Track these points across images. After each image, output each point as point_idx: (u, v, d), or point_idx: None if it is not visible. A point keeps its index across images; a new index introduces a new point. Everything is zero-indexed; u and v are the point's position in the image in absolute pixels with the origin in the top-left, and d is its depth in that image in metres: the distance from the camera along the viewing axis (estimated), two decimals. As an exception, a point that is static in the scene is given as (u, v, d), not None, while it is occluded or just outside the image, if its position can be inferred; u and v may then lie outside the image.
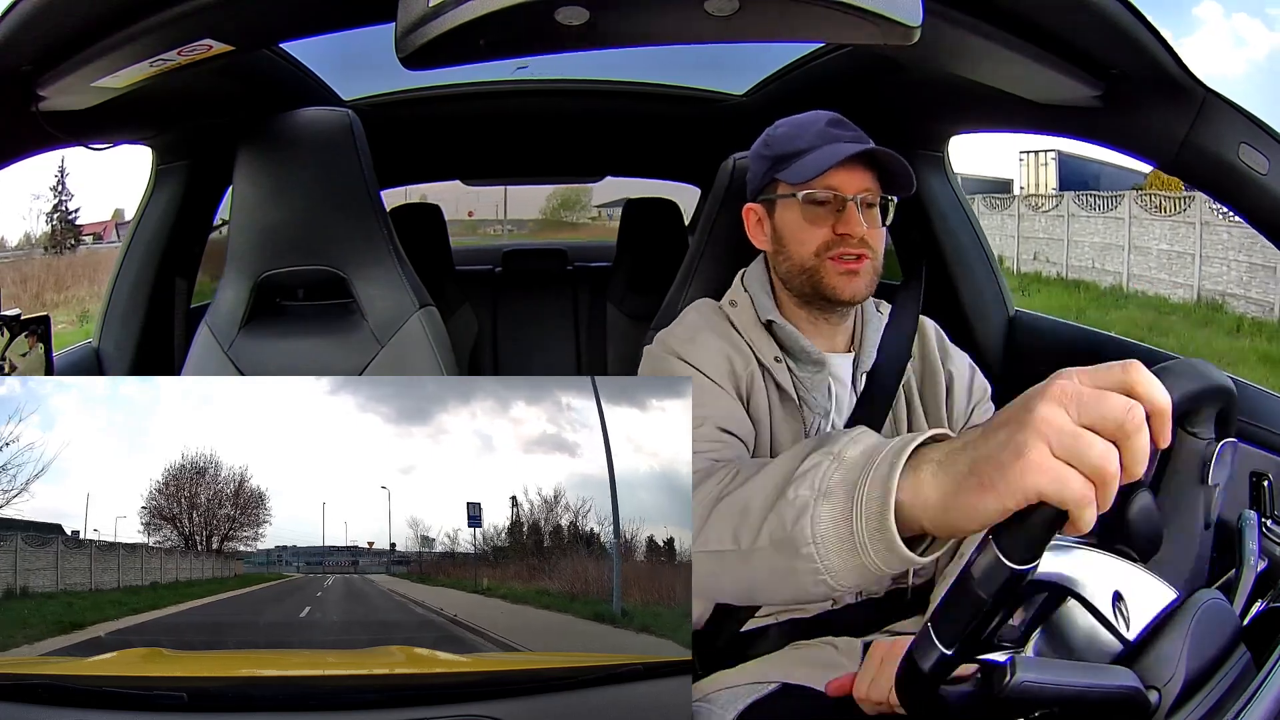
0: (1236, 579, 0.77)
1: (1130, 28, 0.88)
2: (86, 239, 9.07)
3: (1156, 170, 5.78)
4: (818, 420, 1.08)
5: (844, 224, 1.04)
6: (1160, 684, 0.67)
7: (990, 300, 1.63)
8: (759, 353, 1.09)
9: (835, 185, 1.05)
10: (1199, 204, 9.50)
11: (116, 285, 1.61)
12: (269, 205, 1.34)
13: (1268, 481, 0.85)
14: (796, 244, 1.07)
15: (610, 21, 0.77)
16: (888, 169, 1.06)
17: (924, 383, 1.14)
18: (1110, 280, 10.28)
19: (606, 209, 10.64)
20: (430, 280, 1.52)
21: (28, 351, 1.09)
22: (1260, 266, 8.63)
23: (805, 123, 1.09)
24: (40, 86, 0.95)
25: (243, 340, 1.35)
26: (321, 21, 0.98)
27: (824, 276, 1.05)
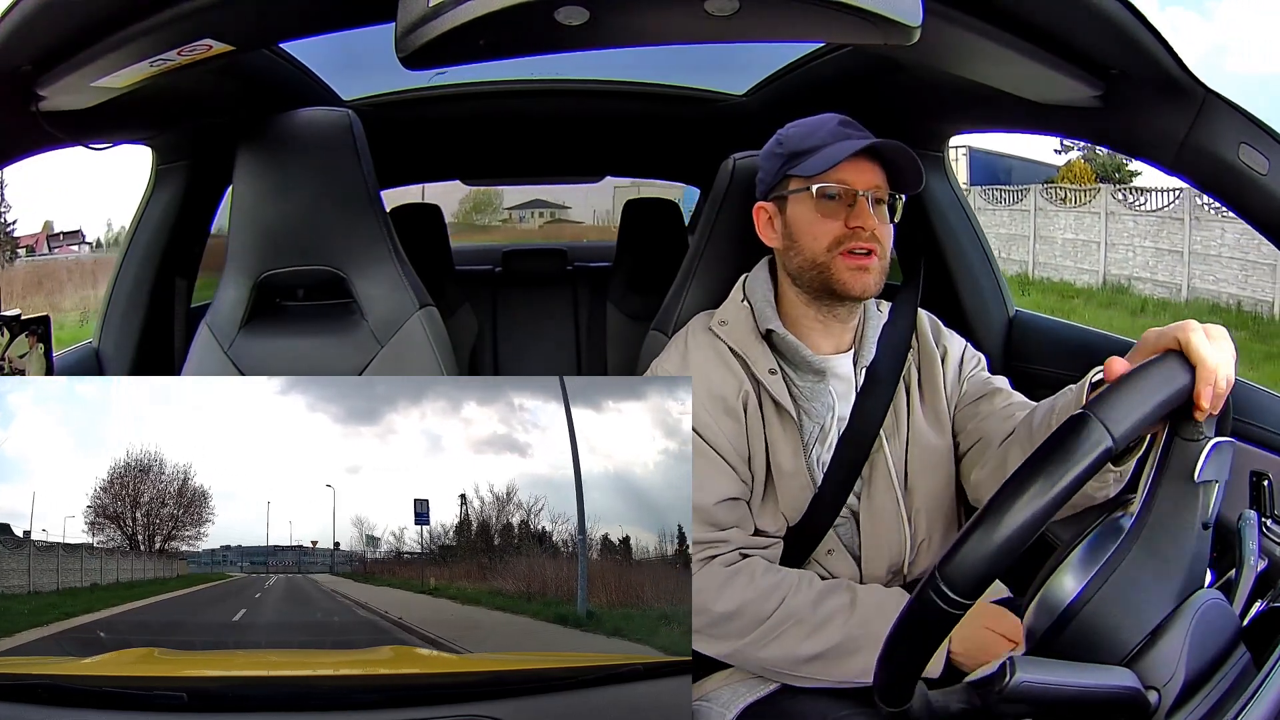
0: (1236, 579, 0.77)
1: (1130, 28, 0.88)
2: (20, 252, 9.09)
3: (1069, 164, 5.92)
4: (817, 428, 1.09)
5: (856, 217, 1.05)
6: (1160, 684, 0.67)
7: (990, 300, 1.63)
8: (753, 367, 1.09)
9: (847, 180, 1.06)
10: (1104, 195, 10.33)
11: (116, 285, 1.61)
12: (269, 205, 1.34)
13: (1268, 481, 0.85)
14: (809, 238, 1.08)
15: (610, 21, 0.77)
16: (896, 165, 1.07)
17: (922, 374, 1.14)
18: (1015, 269, 11.00)
19: (517, 211, 10.73)
20: (430, 280, 1.52)
21: (28, 351, 1.09)
22: (1167, 251, 9.39)
23: (817, 123, 1.11)
24: (40, 86, 0.95)
25: (243, 340, 1.35)
26: (321, 21, 0.98)
27: (835, 272, 1.06)
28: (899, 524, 1.08)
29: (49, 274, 9.50)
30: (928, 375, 1.14)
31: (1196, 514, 0.71)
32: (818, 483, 1.08)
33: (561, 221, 10.21)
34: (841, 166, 1.05)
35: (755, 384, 1.09)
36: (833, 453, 1.08)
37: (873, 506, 1.08)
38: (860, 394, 1.10)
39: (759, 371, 1.09)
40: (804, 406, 1.09)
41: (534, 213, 10.73)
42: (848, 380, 1.11)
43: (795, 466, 1.07)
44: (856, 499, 1.09)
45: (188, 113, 1.43)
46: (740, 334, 1.11)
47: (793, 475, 1.07)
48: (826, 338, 1.12)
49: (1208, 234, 9.24)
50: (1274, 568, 0.79)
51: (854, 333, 1.14)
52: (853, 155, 1.05)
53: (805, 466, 1.08)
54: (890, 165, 1.07)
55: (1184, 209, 9.44)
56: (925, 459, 1.11)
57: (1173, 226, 9.64)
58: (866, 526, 1.08)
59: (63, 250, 11.02)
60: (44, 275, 9.13)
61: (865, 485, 1.09)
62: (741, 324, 1.12)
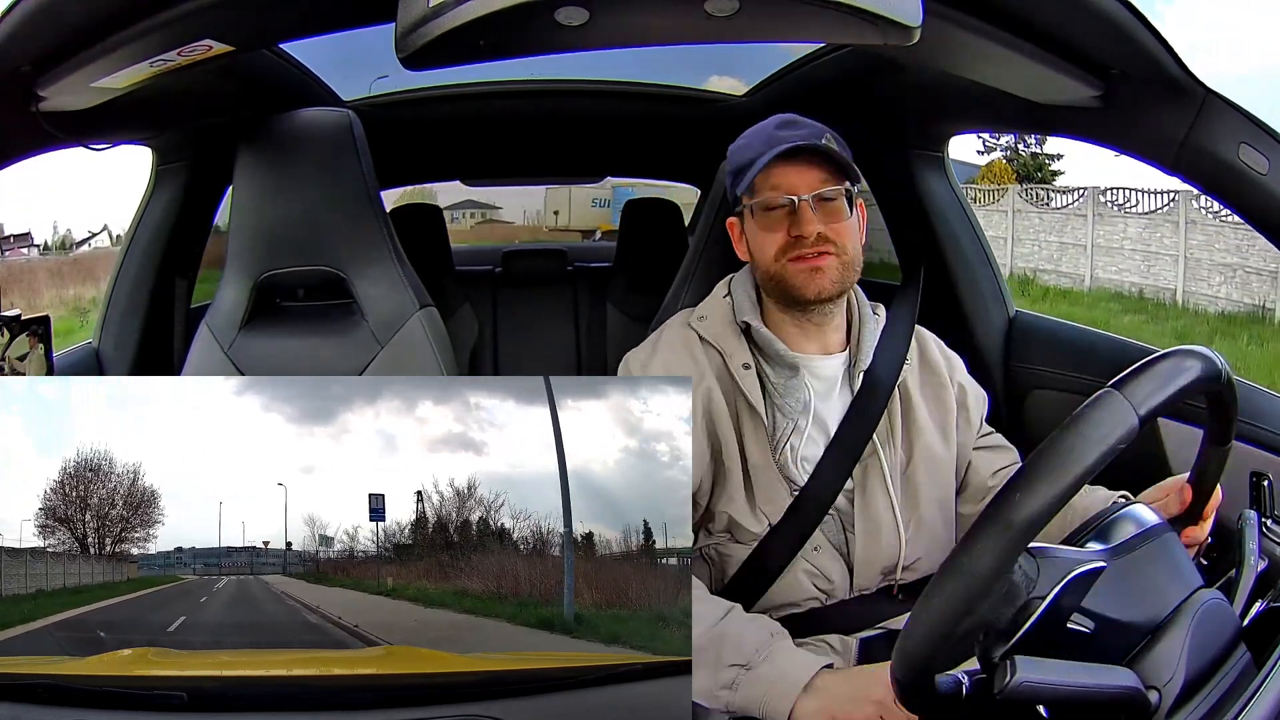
0: (1236, 579, 0.77)
1: (1130, 28, 0.88)
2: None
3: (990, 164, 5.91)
4: (790, 424, 1.09)
5: (797, 225, 1.04)
6: (1160, 684, 0.67)
7: (990, 300, 1.63)
8: (728, 360, 1.09)
9: (783, 186, 1.05)
10: (1011, 195, 11.11)
11: (116, 285, 1.61)
12: (269, 205, 1.34)
13: (1268, 481, 0.85)
14: (759, 251, 1.09)
15: (610, 21, 0.77)
16: (833, 159, 1.05)
17: (924, 384, 1.15)
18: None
19: (450, 212, 10.77)
20: (430, 280, 1.52)
21: (28, 351, 1.09)
22: (1071, 245, 10.15)
23: (755, 131, 1.09)
24: (40, 86, 0.95)
25: (243, 340, 1.35)
26: (321, 21, 0.98)
27: (788, 278, 1.06)
28: (893, 529, 1.08)
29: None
30: (933, 387, 1.15)
31: None
32: (795, 479, 1.07)
33: (493, 222, 10.24)
34: (777, 173, 1.04)
35: (729, 378, 1.09)
36: (821, 453, 1.08)
37: (867, 511, 1.08)
38: (857, 398, 1.10)
39: (733, 365, 1.09)
40: (777, 402, 1.09)
41: (466, 213, 10.80)
42: (829, 380, 1.11)
43: (765, 461, 1.07)
44: (849, 501, 1.09)
45: (188, 113, 1.43)
46: (718, 327, 1.12)
47: (764, 469, 1.07)
48: (806, 340, 1.12)
49: (1110, 228, 9.84)
50: (1274, 568, 0.79)
51: (842, 333, 1.14)
52: (792, 158, 1.04)
53: (775, 462, 1.07)
54: (832, 159, 1.05)
55: (1087, 206, 10.10)
56: (929, 467, 1.11)
57: (1076, 222, 10.25)
58: (860, 529, 1.08)
59: (13, 253, 10.98)
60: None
61: (859, 489, 1.08)
62: (720, 317, 1.12)
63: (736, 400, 1.09)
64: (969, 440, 1.17)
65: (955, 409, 1.15)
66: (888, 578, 1.10)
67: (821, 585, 1.08)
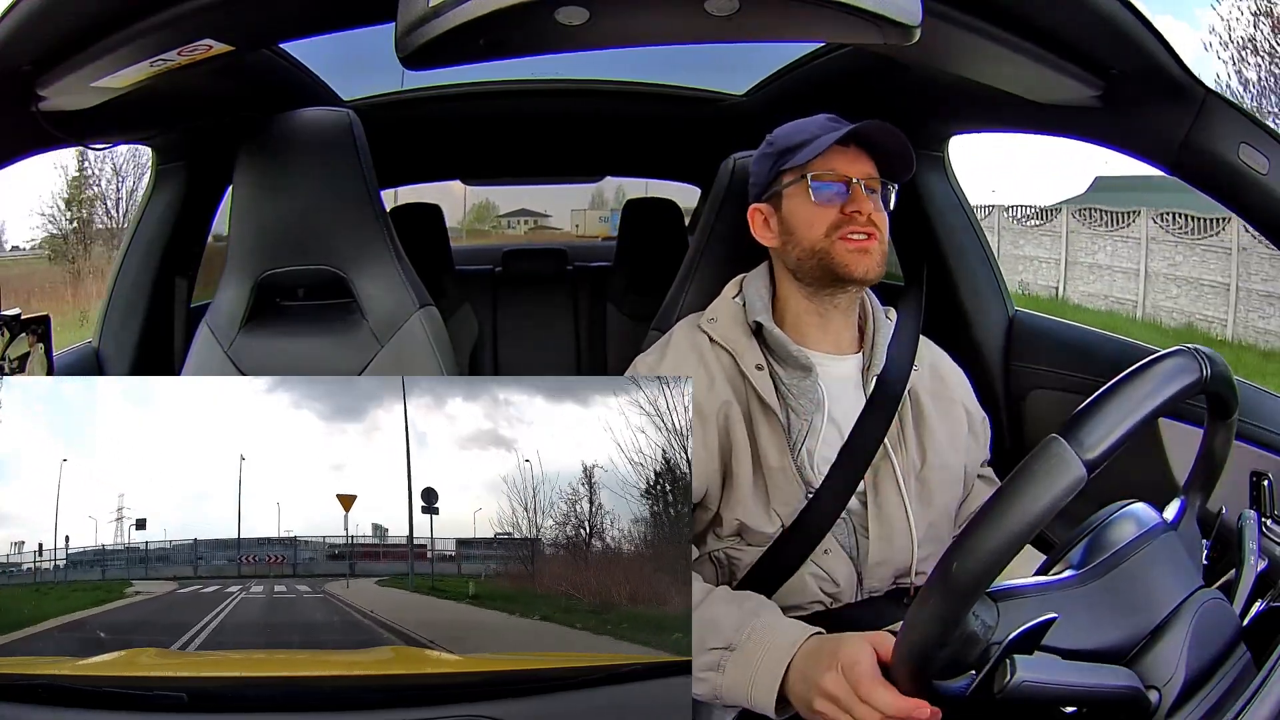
0: (1236, 579, 0.77)
1: (1130, 28, 0.88)
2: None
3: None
4: (805, 425, 1.08)
5: (851, 203, 1.06)
6: (1160, 684, 0.67)
7: (990, 300, 1.63)
8: (740, 361, 1.09)
9: (840, 168, 1.07)
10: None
11: (116, 285, 1.61)
12: (269, 205, 1.34)
13: (1268, 481, 0.85)
14: (806, 228, 1.08)
15: (610, 21, 0.77)
16: (886, 153, 1.08)
17: (935, 392, 1.15)
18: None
19: (507, 219, 10.86)
20: (430, 280, 1.52)
21: (28, 351, 1.09)
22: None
23: (806, 120, 1.12)
24: (40, 86, 0.95)
25: (243, 340, 1.35)
26: (321, 21, 0.98)
27: (835, 255, 1.06)
28: (906, 531, 1.08)
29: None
30: (944, 397, 1.15)
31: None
32: (810, 481, 1.07)
33: (544, 229, 10.28)
34: (833, 157, 1.07)
35: (742, 379, 1.09)
36: (835, 455, 1.08)
37: (881, 513, 1.08)
38: (870, 401, 1.10)
39: (745, 367, 1.08)
40: (790, 403, 1.09)
41: (521, 220, 10.87)
42: (843, 381, 1.11)
43: (782, 463, 1.07)
44: (862, 505, 1.08)
45: (188, 113, 1.43)
46: (729, 329, 1.12)
47: (780, 471, 1.07)
48: (825, 334, 1.12)
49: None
50: (1274, 568, 0.79)
51: (854, 333, 1.14)
52: (843, 147, 1.06)
53: (792, 463, 1.07)
54: (880, 155, 1.08)
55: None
56: (940, 471, 1.11)
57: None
58: (874, 531, 1.08)
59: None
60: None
61: (871, 492, 1.08)
62: (731, 319, 1.12)
63: (750, 402, 1.08)
64: (977, 459, 1.18)
65: (965, 422, 1.16)
66: (900, 580, 1.09)
67: (827, 589, 1.07)
